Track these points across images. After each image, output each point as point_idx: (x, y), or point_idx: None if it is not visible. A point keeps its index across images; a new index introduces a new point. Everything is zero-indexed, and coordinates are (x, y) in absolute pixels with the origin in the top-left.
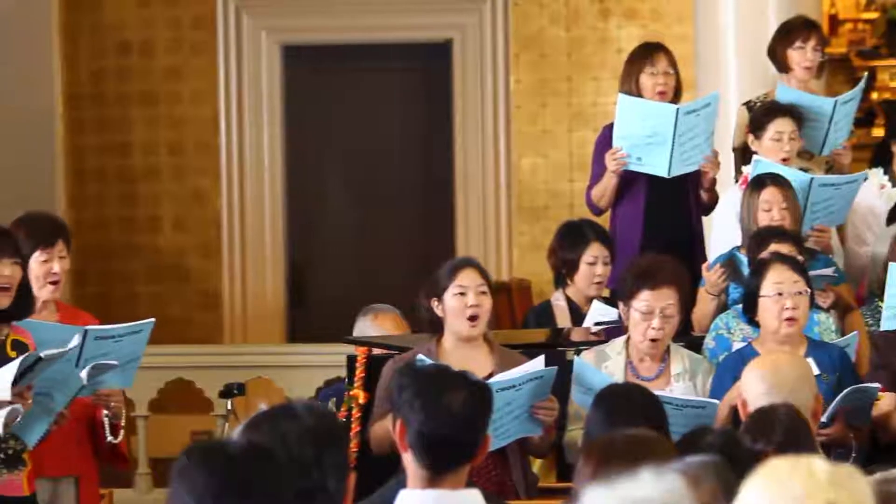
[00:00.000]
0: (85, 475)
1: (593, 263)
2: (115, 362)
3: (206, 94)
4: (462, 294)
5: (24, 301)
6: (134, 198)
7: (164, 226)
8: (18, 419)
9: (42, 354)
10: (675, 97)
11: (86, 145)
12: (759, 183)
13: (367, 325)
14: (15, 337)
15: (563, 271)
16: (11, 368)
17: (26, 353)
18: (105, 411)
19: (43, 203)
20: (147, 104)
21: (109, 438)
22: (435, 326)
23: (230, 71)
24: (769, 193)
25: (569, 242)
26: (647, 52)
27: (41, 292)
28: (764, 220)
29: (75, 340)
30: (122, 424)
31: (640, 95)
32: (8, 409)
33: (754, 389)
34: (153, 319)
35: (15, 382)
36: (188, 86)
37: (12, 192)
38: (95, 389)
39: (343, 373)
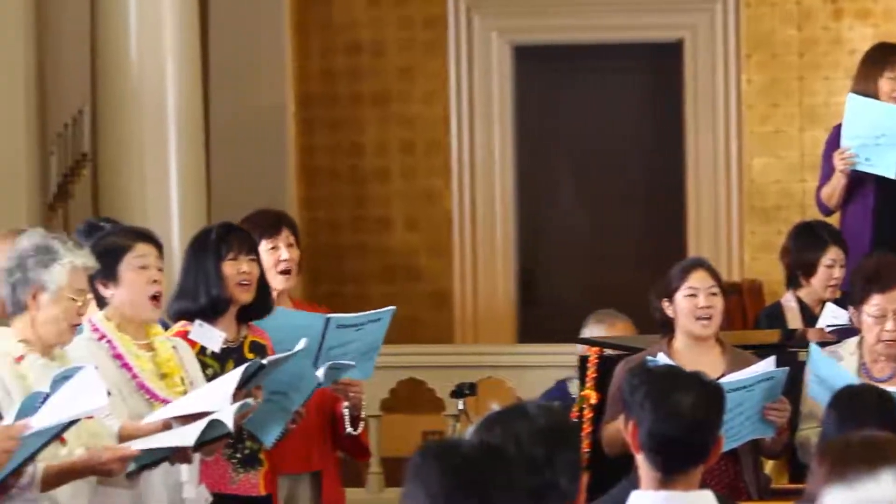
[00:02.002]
0: (326, 471)
1: (831, 266)
2: (352, 363)
3: (438, 93)
4: (693, 296)
5: (263, 298)
6: (365, 198)
7: (395, 226)
8: (250, 414)
9: (264, 361)
10: None
11: (317, 145)
12: None
13: (600, 333)
14: (253, 339)
15: (798, 273)
16: (234, 377)
17: (249, 362)
18: (345, 403)
19: (275, 204)
20: (378, 104)
21: (349, 430)
22: (666, 327)
23: (461, 71)
24: None
25: (805, 244)
26: (886, 56)
27: (273, 282)
28: None
29: (301, 344)
30: (363, 416)
31: (875, 97)
32: (240, 403)
33: None
34: (394, 307)
35: (240, 389)
36: (419, 86)
37: (245, 192)
38: (336, 379)
39: (574, 373)
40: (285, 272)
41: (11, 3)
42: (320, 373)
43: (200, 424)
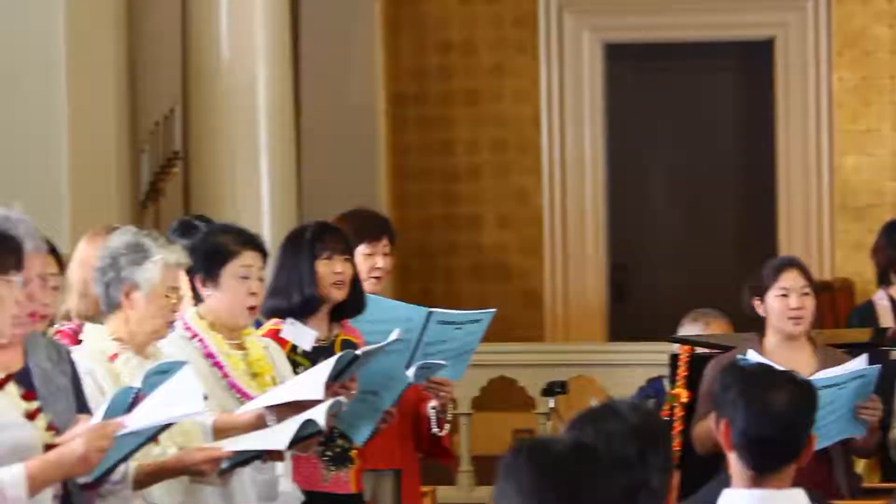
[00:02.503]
0: (407, 469)
1: None
2: (443, 363)
3: (528, 92)
4: (785, 296)
5: (356, 297)
6: (456, 196)
7: (486, 224)
8: (343, 410)
9: (358, 352)
10: None
11: (409, 144)
12: None
13: (697, 331)
14: (345, 337)
15: (890, 270)
16: (327, 366)
17: (342, 352)
18: (432, 403)
19: (366, 202)
20: (469, 103)
21: (435, 430)
22: (757, 325)
23: (552, 69)
24: None
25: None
26: None
27: (364, 284)
28: None
29: (394, 335)
30: (449, 417)
31: None
32: (331, 401)
33: None
34: (494, 310)
35: (334, 380)
36: (510, 84)
37: (336, 191)
38: (427, 377)
39: (665, 371)
40: (377, 278)
41: (104, 3)
42: (411, 372)
43: (293, 427)
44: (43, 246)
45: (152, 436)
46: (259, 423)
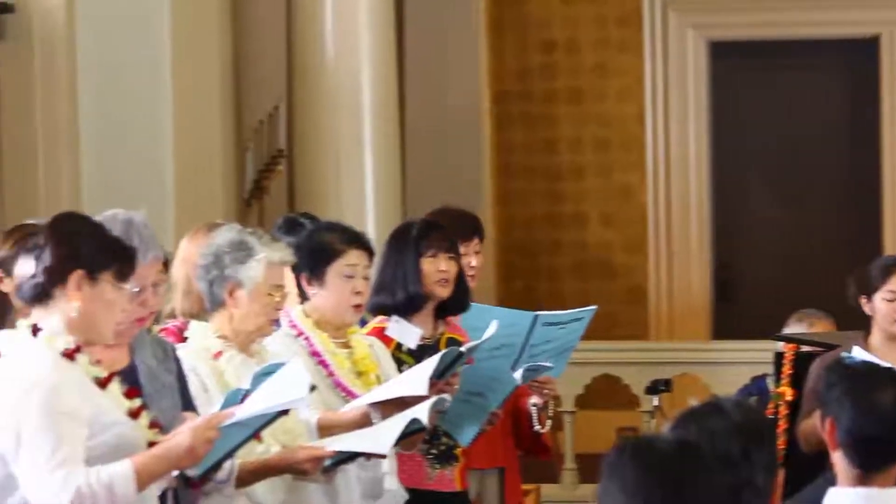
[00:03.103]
0: (509, 467)
1: None
2: (550, 364)
3: (632, 91)
4: (893, 300)
5: (461, 295)
6: (560, 194)
7: (590, 222)
8: (446, 407)
9: (462, 349)
10: None
11: (512, 142)
12: None
13: (800, 331)
14: (450, 335)
15: None
16: (431, 363)
17: (446, 349)
18: (533, 399)
19: (470, 200)
20: (573, 101)
21: (536, 428)
22: (861, 324)
23: (656, 68)
24: None
25: None
26: None
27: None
28: None
29: (492, 328)
30: (550, 414)
31: None
32: (435, 398)
33: None
34: (595, 307)
35: (438, 378)
36: (614, 83)
37: (440, 189)
38: (533, 378)
39: (769, 370)
40: (469, 276)
41: (208, 1)
42: (518, 374)
43: (397, 426)
44: (160, 255)
45: (259, 427)
46: (363, 422)
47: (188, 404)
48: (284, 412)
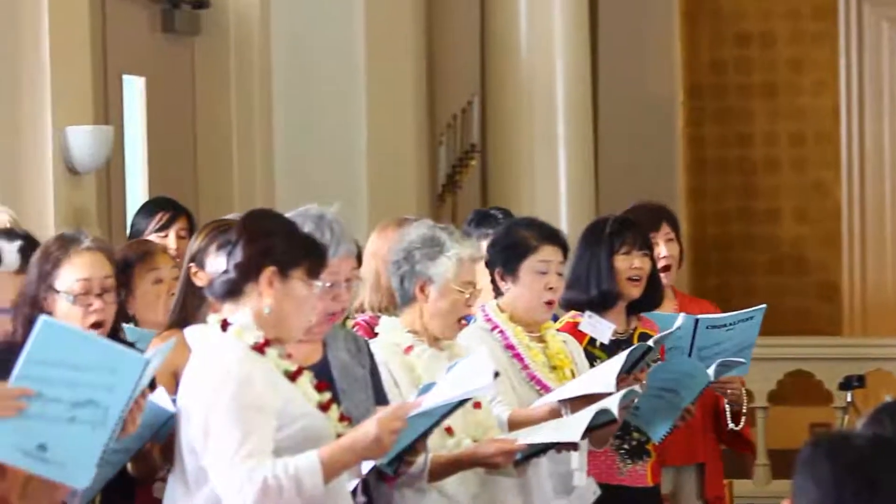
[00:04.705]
0: (710, 463)
1: None
2: (742, 360)
3: (828, 84)
4: None
5: (653, 292)
6: (754, 189)
7: (783, 217)
8: (636, 403)
9: (650, 343)
10: None
11: (705, 137)
12: None
13: None
14: (643, 330)
15: None
16: (620, 359)
17: (635, 345)
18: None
19: (663, 195)
20: (767, 95)
21: (731, 426)
22: None
23: (851, 61)
24: None
25: None
26: None
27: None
28: None
29: (680, 320)
30: (744, 411)
31: None
32: (624, 390)
33: None
34: (764, 305)
35: (627, 373)
36: (809, 77)
37: (633, 183)
38: (726, 374)
39: None
40: (665, 269)
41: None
42: (711, 370)
43: (587, 417)
44: (353, 250)
45: (443, 415)
46: (552, 418)
47: (381, 398)
48: (467, 399)
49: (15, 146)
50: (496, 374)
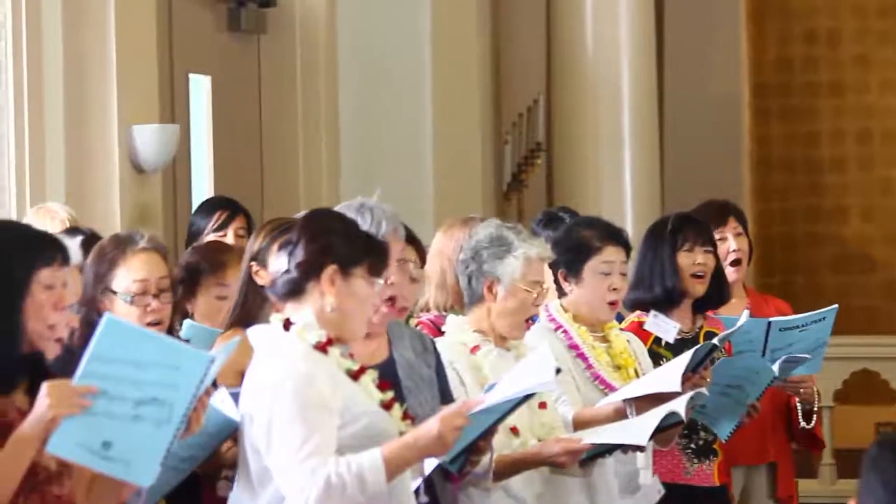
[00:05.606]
0: (781, 462)
1: None
2: (807, 356)
3: (894, 83)
4: None
5: (718, 289)
6: (820, 188)
7: (850, 216)
8: (702, 403)
9: (716, 341)
10: None
11: (772, 135)
12: None
13: None
14: (709, 329)
15: None
16: (685, 358)
17: (700, 344)
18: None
19: (729, 194)
20: (834, 94)
21: (802, 424)
22: None
23: None
24: None
25: None
26: None
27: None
28: None
29: (744, 317)
30: (816, 410)
31: None
32: (691, 393)
33: None
34: (836, 306)
35: (692, 372)
36: (875, 75)
37: (698, 182)
38: (784, 378)
39: None
40: (735, 263)
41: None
42: (776, 367)
43: (654, 419)
44: (401, 230)
45: (506, 412)
46: (618, 417)
47: (447, 398)
48: (529, 396)
49: (82, 145)
50: (558, 371)
